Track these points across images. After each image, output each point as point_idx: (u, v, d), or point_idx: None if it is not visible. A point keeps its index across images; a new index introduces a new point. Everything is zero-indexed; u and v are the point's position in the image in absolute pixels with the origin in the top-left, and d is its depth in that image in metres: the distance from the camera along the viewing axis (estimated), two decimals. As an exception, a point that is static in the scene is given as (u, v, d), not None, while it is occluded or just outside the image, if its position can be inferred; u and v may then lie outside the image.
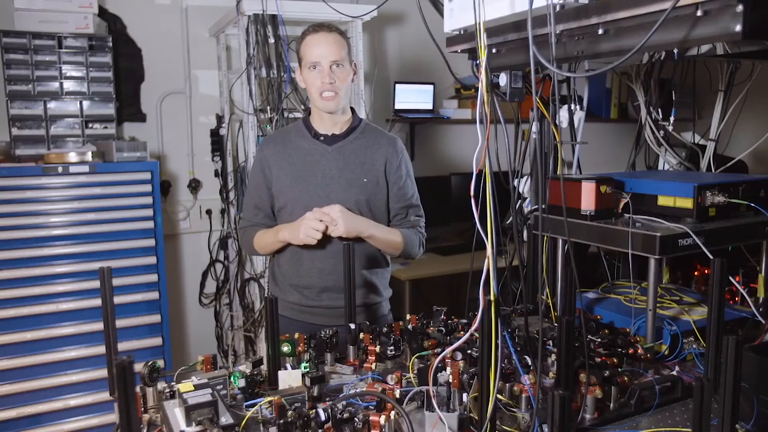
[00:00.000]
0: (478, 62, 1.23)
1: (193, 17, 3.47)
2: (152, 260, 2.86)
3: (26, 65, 2.89)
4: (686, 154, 2.44)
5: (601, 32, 1.25)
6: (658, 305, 1.68)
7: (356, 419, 1.17)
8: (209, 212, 3.61)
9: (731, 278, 1.83)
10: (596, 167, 2.39)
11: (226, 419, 1.16)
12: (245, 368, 1.44)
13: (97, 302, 2.60)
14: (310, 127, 2.01)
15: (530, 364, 1.42)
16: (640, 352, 1.49)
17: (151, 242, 2.86)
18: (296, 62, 2.01)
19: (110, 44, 3.04)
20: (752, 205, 1.73)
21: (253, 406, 1.27)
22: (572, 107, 1.97)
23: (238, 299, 3.46)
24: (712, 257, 1.33)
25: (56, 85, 2.97)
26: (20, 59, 2.88)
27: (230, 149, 3.52)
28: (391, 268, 2.15)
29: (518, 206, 2.03)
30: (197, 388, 1.18)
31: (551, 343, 1.56)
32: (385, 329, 1.69)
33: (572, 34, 1.34)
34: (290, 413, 1.15)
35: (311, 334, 1.60)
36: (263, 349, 1.78)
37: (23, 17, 2.87)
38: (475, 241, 1.20)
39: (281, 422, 1.13)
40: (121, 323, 2.58)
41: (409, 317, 1.74)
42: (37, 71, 2.92)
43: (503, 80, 1.67)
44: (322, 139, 1.98)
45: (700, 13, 1.05)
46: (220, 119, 3.50)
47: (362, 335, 1.61)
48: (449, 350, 1.31)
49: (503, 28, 1.45)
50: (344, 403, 1.24)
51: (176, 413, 1.19)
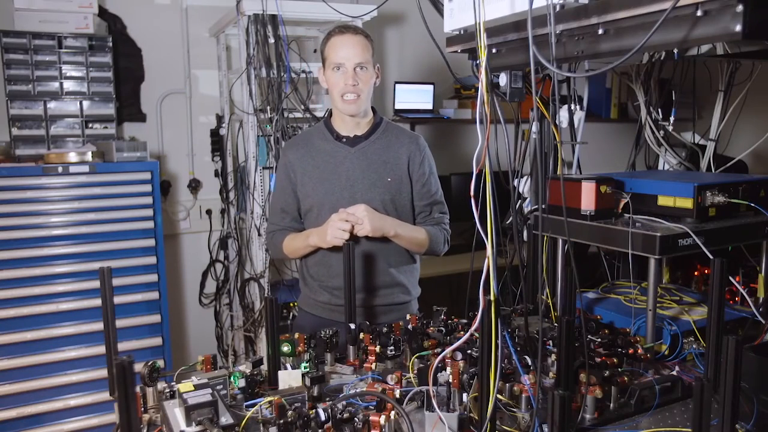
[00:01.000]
0: (478, 62, 1.23)
1: (193, 17, 3.46)
2: (152, 260, 2.86)
3: (26, 65, 2.89)
4: (686, 154, 2.45)
5: (601, 32, 1.25)
6: (658, 305, 1.68)
7: (356, 419, 1.17)
8: (209, 212, 3.61)
9: (731, 278, 1.83)
10: (596, 167, 2.39)
11: (226, 419, 1.16)
12: (245, 368, 1.44)
13: (97, 302, 2.60)
14: (331, 129, 2.01)
15: (530, 364, 1.42)
16: (640, 352, 1.49)
17: (151, 242, 2.86)
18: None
19: (110, 44, 3.04)
20: (752, 205, 1.73)
21: (253, 406, 1.28)
22: (572, 107, 1.97)
23: (238, 299, 3.46)
24: (712, 257, 1.33)
25: (56, 85, 2.97)
26: (20, 59, 2.88)
27: (230, 149, 3.52)
28: (419, 266, 2.14)
29: (518, 206, 2.03)
30: (197, 388, 1.18)
31: (551, 343, 1.56)
32: (385, 329, 1.69)
33: (572, 34, 1.34)
34: (290, 413, 1.15)
35: (311, 333, 1.60)
36: (263, 349, 1.78)
37: (23, 17, 2.87)
38: (475, 241, 1.20)
39: (281, 422, 1.13)
40: (121, 323, 2.58)
41: (409, 317, 1.75)
42: (37, 71, 2.92)
43: (503, 80, 1.67)
44: (344, 140, 1.98)
45: (700, 13, 1.05)
46: (220, 119, 3.50)
47: (362, 335, 1.61)
48: (449, 350, 1.31)
49: (503, 28, 1.45)
50: (344, 403, 1.24)
51: (176, 413, 1.19)
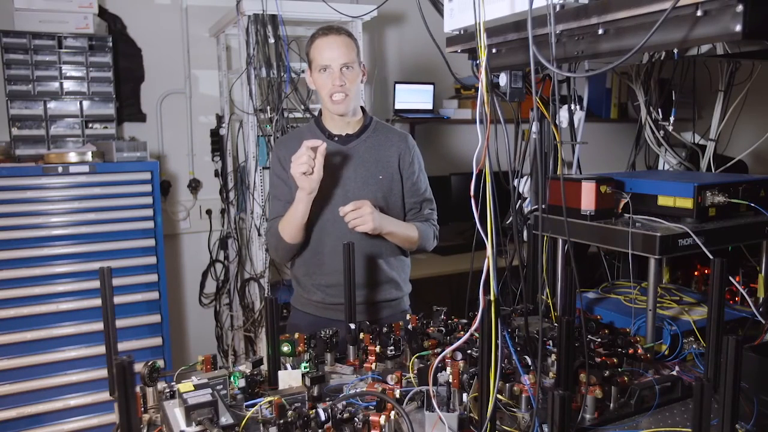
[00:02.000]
0: (478, 62, 1.23)
1: (193, 17, 3.46)
2: (152, 260, 2.86)
3: (26, 65, 2.89)
4: (686, 154, 2.45)
5: (601, 32, 1.25)
6: (658, 305, 1.68)
7: (356, 419, 1.18)
8: (209, 212, 3.61)
9: (731, 278, 1.83)
10: (596, 167, 2.39)
11: (226, 419, 1.16)
12: (245, 368, 1.44)
13: (97, 302, 2.60)
14: (323, 128, 2.02)
15: (530, 364, 1.42)
16: (640, 352, 1.49)
17: (151, 242, 2.86)
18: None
19: (110, 44, 3.04)
20: (752, 205, 1.73)
21: (253, 406, 1.28)
22: (572, 107, 1.97)
23: (238, 299, 3.46)
24: (712, 257, 1.33)
25: (56, 85, 2.97)
26: (20, 59, 2.88)
27: (230, 149, 3.52)
28: (410, 263, 2.16)
29: (518, 206, 2.03)
30: (197, 388, 1.18)
31: (551, 343, 1.56)
32: (385, 329, 1.69)
33: (572, 34, 1.34)
34: (290, 413, 1.15)
35: (311, 333, 1.60)
36: (263, 349, 1.78)
37: (23, 17, 2.87)
38: (475, 241, 1.20)
39: (281, 422, 1.13)
40: (121, 323, 2.58)
41: (409, 317, 1.75)
42: (37, 71, 2.92)
43: (503, 80, 1.67)
44: (336, 139, 2.00)
45: (700, 13, 1.05)
46: (220, 119, 3.50)
47: (362, 335, 1.61)
48: (449, 350, 1.31)
49: (503, 28, 1.45)
50: (344, 403, 1.24)
51: (176, 413, 1.19)
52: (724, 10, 1.03)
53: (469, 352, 1.46)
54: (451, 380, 1.28)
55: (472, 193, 1.06)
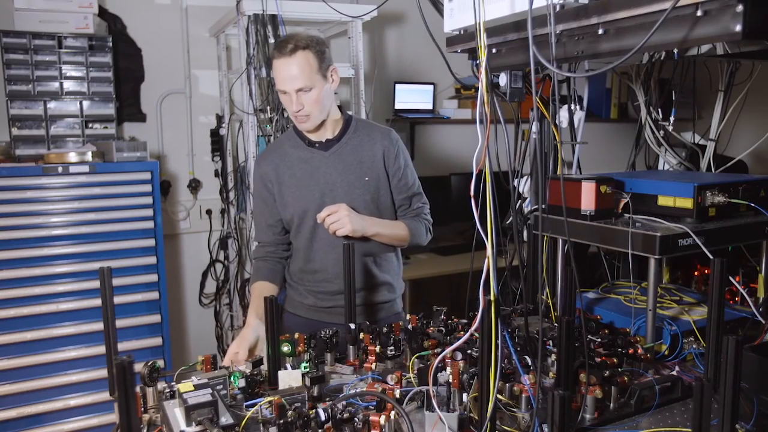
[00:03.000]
0: (478, 62, 1.23)
1: (193, 17, 3.46)
2: (152, 260, 2.86)
3: (26, 65, 2.89)
4: (686, 154, 2.44)
5: (601, 32, 1.25)
6: (658, 305, 1.68)
7: (356, 419, 1.18)
8: (209, 212, 3.61)
9: (731, 278, 1.83)
10: (596, 167, 2.39)
11: (226, 419, 1.16)
12: (245, 368, 1.44)
13: (97, 302, 2.60)
14: (302, 135, 1.98)
15: (530, 364, 1.42)
16: (640, 352, 1.49)
17: (151, 242, 2.86)
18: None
19: (110, 44, 3.04)
20: (752, 205, 1.73)
21: (253, 406, 1.28)
22: (572, 107, 1.96)
23: (238, 299, 3.46)
24: (712, 257, 1.33)
25: (56, 85, 2.97)
26: (20, 59, 2.88)
27: (230, 149, 3.52)
28: (401, 264, 2.15)
29: (518, 206, 2.03)
30: (197, 388, 1.18)
31: (551, 343, 1.56)
32: (385, 329, 1.69)
33: (572, 34, 1.34)
34: (290, 413, 1.15)
35: (311, 333, 1.60)
36: (263, 349, 1.78)
37: (23, 17, 2.87)
38: (475, 241, 1.20)
39: (281, 422, 1.13)
40: (121, 323, 2.58)
41: (409, 317, 1.75)
42: (37, 71, 2.92)
43: (503, 80, 1.67)
44: (317, 146, 1.97)
45: (700, 13, 1.05)
46: (220, 119, 3.50)
47: (362, 335, 1.61)
48: (449, 350, 1.31)
49: (503, 28, 1.45)
50: (344, 403, 1.24)
51: (176, 413, 1.19)
52: (724, 10, 1.03)
53: (469, 352, 1.46)
54: (451, 380, 1.28)
55: (472, 193, 1.06)
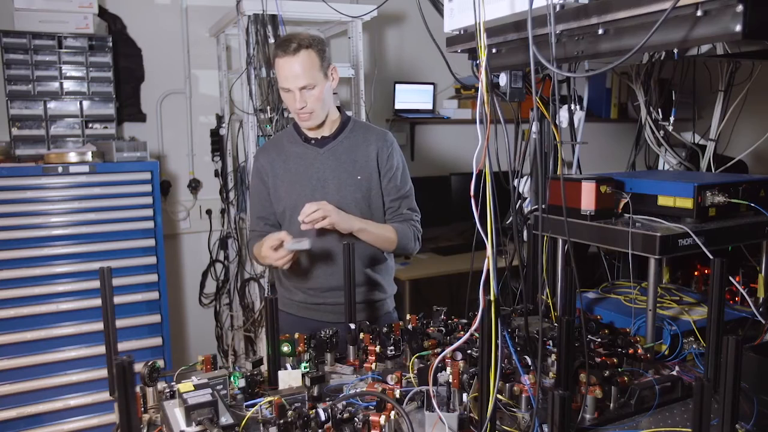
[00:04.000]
0: (478, 62, 1.23)
1: (193, 17, 3.46)
2: (152, 260, 2.86)
3: (26, 65, 2.89)
4: (686, 154, 2.44)
5: (601, 32, 1.25)
6: (658, 305, 1.68)
7: (356, 419, 1.18)
8: (209, 212, 3.61)
9: (731, 278, 1.83)
10: (596, 167, 2.39)
11: (226, 419, 1.16)
12: (247, 363, 1.44)
13: (97, 302, 2.60)
14: (300, 131, 2.02)
15: (530, 364, 1.42)
16: (640, 352, 1.49)
17: (151, 242, 2.86)
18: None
19: (110, 44, 3.04)
20: (752, 205, 1.73)
21: (253, 406, 1.28)
22: (572, 107, 1.96)
23: (238, 299, 3.46)
24: (712, 257, 1.33)
25: (56, 85, 2.97)
26: (20, 59, 2.88)
27: (230, 149, 3.52)
28: (393, 264, 2.15)
29: (518, 206, 2.03)
30: (197, 388, 1.18)
31: (551, 343, 1.56)
32: (385, 329, 1.69)
33: (572, 34, 1.34)
34: (290, 413, 1.15)
35: (311, 333, 1.60)
36: (263, 349, 1.78)
37: (23, 17, 2.87)
38: (475, 241, 1.20)
39: (281, 422, 1.13)
40: (121, 323, 2.58)
41: (409, 317, 1.75)
42: (37, 71, 2.92)
43: (503, 80, 1.67)
44: (313, 142, 2.00)
45: (700, 13, 1.05)
46: (220, 119, 3.50)
47: (362, 335, 1.61)
48: (449, 350, 1.31)
49: (503, 28, 1.45)
50: (344, 403, 1.24)
51: (176, 413, 1.19)
52: (724, 10, 1.03)
53: (469, 352, 1.46)
54: (451, 380, 1.28)
55: (472, 193, 1.06)
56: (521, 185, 2.04)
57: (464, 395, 1.26)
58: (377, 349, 1.56)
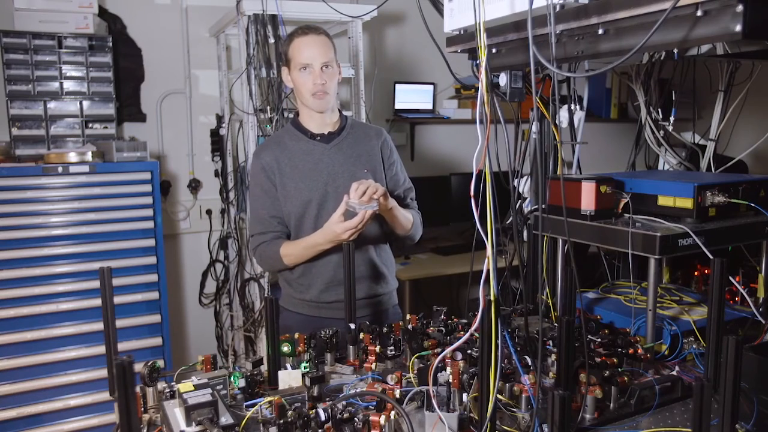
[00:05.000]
0: (478, 62, 1.23)
1: (193, 17, 3.46)
2: (152, 260, 2.86)
3: (26, 65, 2.89)
4: (686, 154, 2.45)
5: (601, 32, 1.25)
6: (658, 305, 1.68)
7: (356, 419, 1.18)
8: (209, 212, 3.61)
9: (731, 278, 1.83)
10: (596, 167, 2.39)
11: (226, 419, 1.16)
12: (247, 363, 1.44)
13: (97, 302, 2.60)
14: (303, 128, 2.03)
15: (530, 364, 1.42)
16: (640, 352, 1.49)
17: (151, 242, 2.86)
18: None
19: (110, 44, 3.04)
20: (752, 205, 1.73)
21: (253, 406, 1.28)
22: (572, 107, 1.97)
23: (238, 299, 3.46)
24: (712, 257, 1.33)
25: (56, 85, 2.97)
26: (20, 59, 2.88)
27: (230, 149, 3.52)
28: (393, 258, 2.18)
29: (518, 206, 2.03)
30: (197, 388, 1.18)
31: (551, 343, 1.56)
32: (385, 329, 1.69)
33: (572, 34, 1.34)
34: (290, 413, 1.15)
35: (311, 333, 1.60)
36: (263, 349, 1.78)
37: (23, 17, 2.87)
38: (475, 241, 1.20)
39: (281, 422, 1.13)
40: (121, 323, 2.58)
41: (409, 317, 1.75)
42: (37, 71, 2.92)
43: (503, 80, 1.67)
44: (318, 138, 2.02)
45: (700, 13, 1.05)
46: (220, 119, 3.50)
47: (362, 335, 1.61)
48: (449, 350, 1.31)
49: (503, 28, 1.45)
50: (344, 403, 1.24)
51: (176, 413, 1.19)
52: (724, 10, 1.03)
53: (469, 352, 1.46)
54: (451, 380, 1.28)
55: (472, 193, 1.06)
56: (521, 185, 2.04)
57: (464, 395, 1.26)
58: (377, 349, 1.56)
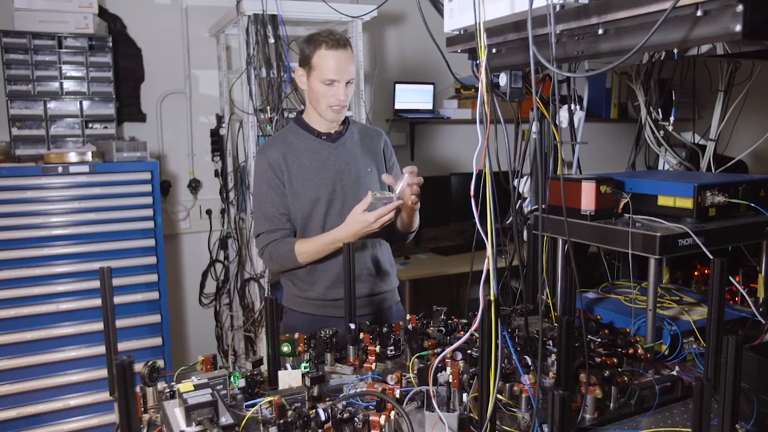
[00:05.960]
0: (478, 62, 1.23)
1: (193, 17, 3.46)
2: (152, 260, 2.86)
3: (26, 65, 2.89)
4: (686, 154, 2.45)
5: (601, 32, 1.25)
6: (658, 305, 1.68)
7: (356, 419, 1.18)
8: (209, 212, 3.61)
9: (731, 278, 1.83)
10: (596, 167, 2.40)
11: (226, 419, 1.16)
12: (247, 363, 1.44)
13: (97, 302, 2.60)
14: (309, 127, 2.03)
15: (530, 364, 1.42)
16: (640, 352, 1.49)
17: (151, 242, 2.86)
18: (296, 62, 2.01)
19: (110, 44, 3.04)
20: (752, 205, 1.73)
21: (253, 406, 1.28)
22: (572, 107, 1.97)
23: (238, 299, 3.46)
24: (712, 257, 1.33)
25: (56, 85, 2.97)
26: (20, 59, 2.88)
27: (230, 149, 3.52)
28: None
29: (518, 206, 2.03)
30: (197, 388, 1.18)
31: (551, 343, 1.56)
32: (385, 329, 1.69)
33: (572, 34, 1.34)
34: (290, 413, 1.15)
35: (311, 333, 1.60)
36: (263, 349, 1.78)
37: (23, 17, 2.87)
38: (475, 241, 1.20)
39: (281, 422, 1.13)
40: (121, 323, 2.58)
41: (409, 317, 1.75)
42: (37, 71, 2.92)
43: (503, 80, 1.67)
44: (324, 138, 2.03)
45: (700, 13, 1.05)
46: (220, 119, 3.50)
47: (362, 335, 1.61)
48: (449, 350, 1.31)
49: (503, 28, 1.45)
50: (344, 403, 1.24)
51: (176, 413, 1.19)
52: (724, 10, 1.03)
53: (469, 352, 1.46)
54: (451, 380, 1.28)
55: (472, 193, 1.06)
56: (521, 185, 2.04)
57: (464, 395, 1.26)
58: (377, 349, 1.56)
